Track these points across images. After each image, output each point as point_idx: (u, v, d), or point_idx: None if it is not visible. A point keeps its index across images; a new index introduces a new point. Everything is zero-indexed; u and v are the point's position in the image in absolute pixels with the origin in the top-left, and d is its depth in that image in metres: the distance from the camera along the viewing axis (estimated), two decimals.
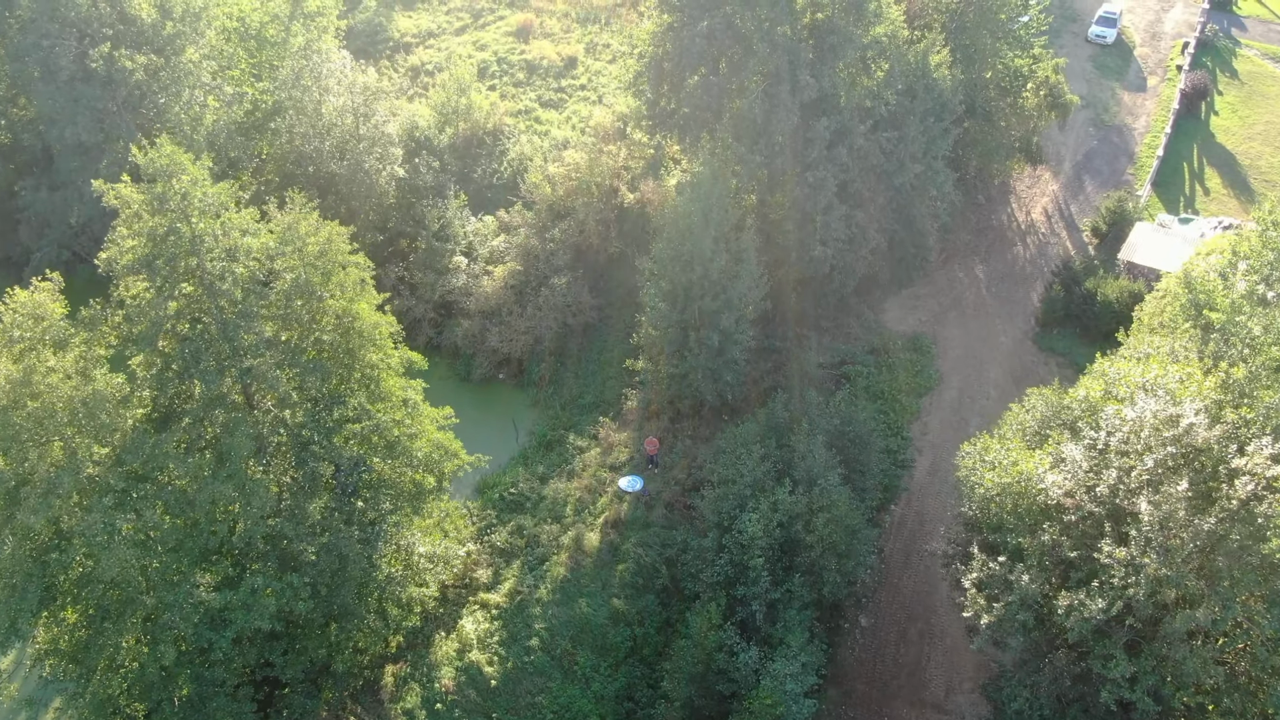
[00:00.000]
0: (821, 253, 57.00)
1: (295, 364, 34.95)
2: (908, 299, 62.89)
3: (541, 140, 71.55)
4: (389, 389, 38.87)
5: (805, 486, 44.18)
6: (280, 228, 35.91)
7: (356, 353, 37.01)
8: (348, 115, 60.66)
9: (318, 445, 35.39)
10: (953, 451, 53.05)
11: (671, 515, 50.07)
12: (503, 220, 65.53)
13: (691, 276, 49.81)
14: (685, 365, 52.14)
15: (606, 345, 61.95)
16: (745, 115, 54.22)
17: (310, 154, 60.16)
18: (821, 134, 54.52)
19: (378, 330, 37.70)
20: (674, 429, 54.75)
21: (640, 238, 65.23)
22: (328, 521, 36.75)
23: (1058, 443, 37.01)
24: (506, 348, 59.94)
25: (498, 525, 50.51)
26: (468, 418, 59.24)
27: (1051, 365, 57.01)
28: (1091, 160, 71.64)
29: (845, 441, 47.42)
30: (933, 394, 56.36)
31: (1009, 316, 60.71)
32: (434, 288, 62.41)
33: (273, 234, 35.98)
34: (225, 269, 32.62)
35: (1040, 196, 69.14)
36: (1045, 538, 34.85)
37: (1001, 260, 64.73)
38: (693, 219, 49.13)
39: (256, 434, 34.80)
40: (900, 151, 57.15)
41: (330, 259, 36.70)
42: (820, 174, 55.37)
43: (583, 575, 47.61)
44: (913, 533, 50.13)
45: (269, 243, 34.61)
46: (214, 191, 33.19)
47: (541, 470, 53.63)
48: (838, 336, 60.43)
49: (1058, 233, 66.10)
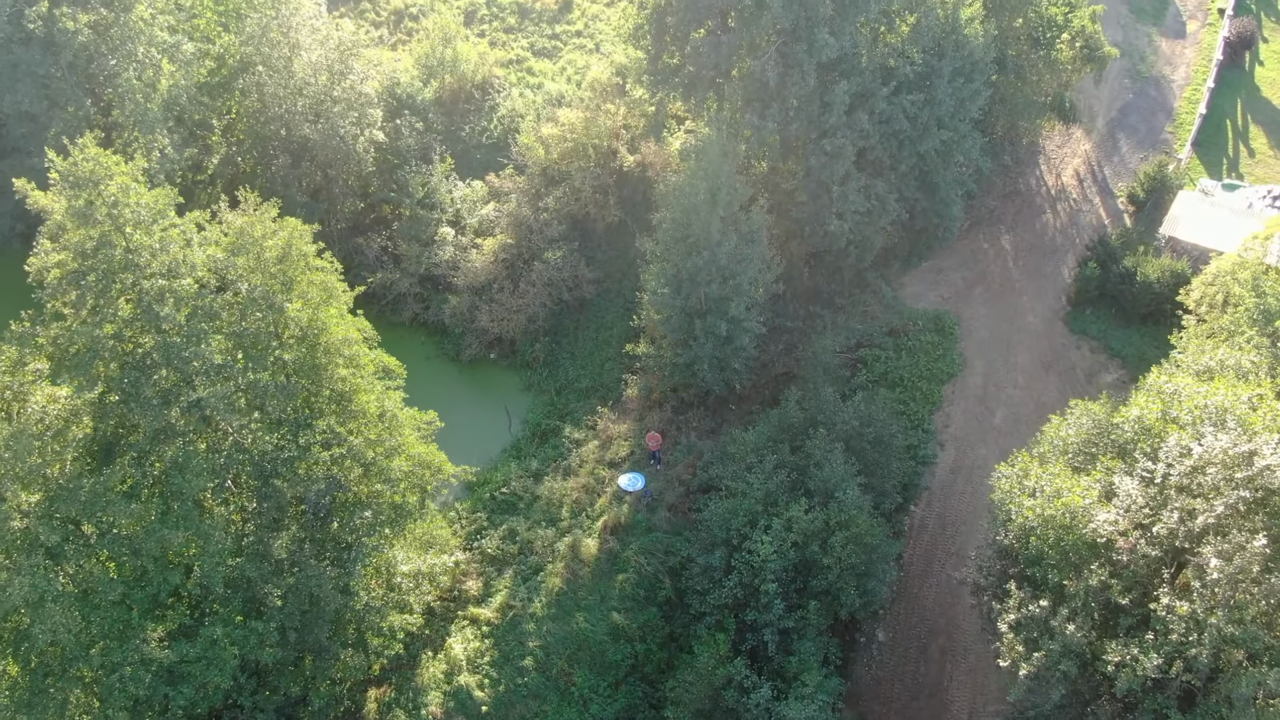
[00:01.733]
0: (838, 227, 52.45)
1: (254, 387, 30.93)
2: (929, 272, 58.52)
3: (534, 95, 66.25)
4: (363, 404, 34.92)
5: (821, 499, 40.61)
6: (232, 232, 31.53)
7: (325, 369, 32.95)
8: (322, 73, 55.44)
9: (281, 480, 31.57)
10: (977, 445, 49.74)
11: (675, 519, 46.58)
12: (493, 185, 60.74)
13: (697, 261, 45.49)
14: (690, 354, 48.15)
15: (605, 322, 57.82)
16: (756, 77, 49.20)
17: (281, 116, 55.15)
18: (841, 98, 49.49)
19: (347, 343, 33.51)
20: (677, 420, 50.97)
21: (641, 204, 60.62)
22: (296, 556, 33.17)
23: (1108, 470, 33.24)
24: (497, 327, 55.83)
25: (489, 529, 47.07)
26: (456, 401, 55.86)
27: (1084, 349, 52.95)
28: (1127, 116, 66.47)
29: (864, 444, 43.69)
30: (955, 381, 52.42)
31: (1038, 293, 56.42)
32: (419, 260, 57.99)
33: (225, 238, 31.63)
34: (165, 288, 28.38)
35: (1071, 157, 64.21)
36: (1093, 581, 31.30)
37: (1029, 229, 60.15)
38: (698, 197, 44.60)
39: (212, 465, 30.97)
40: (926, 116, 52.15)
41: (292, 264, 32.40)
42: (838, 141, 50.55)
43: (580, 587, 44.31)
44: (934, 537, 46.73)
45: (217, 254, 30.25)
46: (149, 199, 28.76)
47: (535, 466, 49.98)
48: (853, 315, 56.24)
49: (1090, 199, 61.38)
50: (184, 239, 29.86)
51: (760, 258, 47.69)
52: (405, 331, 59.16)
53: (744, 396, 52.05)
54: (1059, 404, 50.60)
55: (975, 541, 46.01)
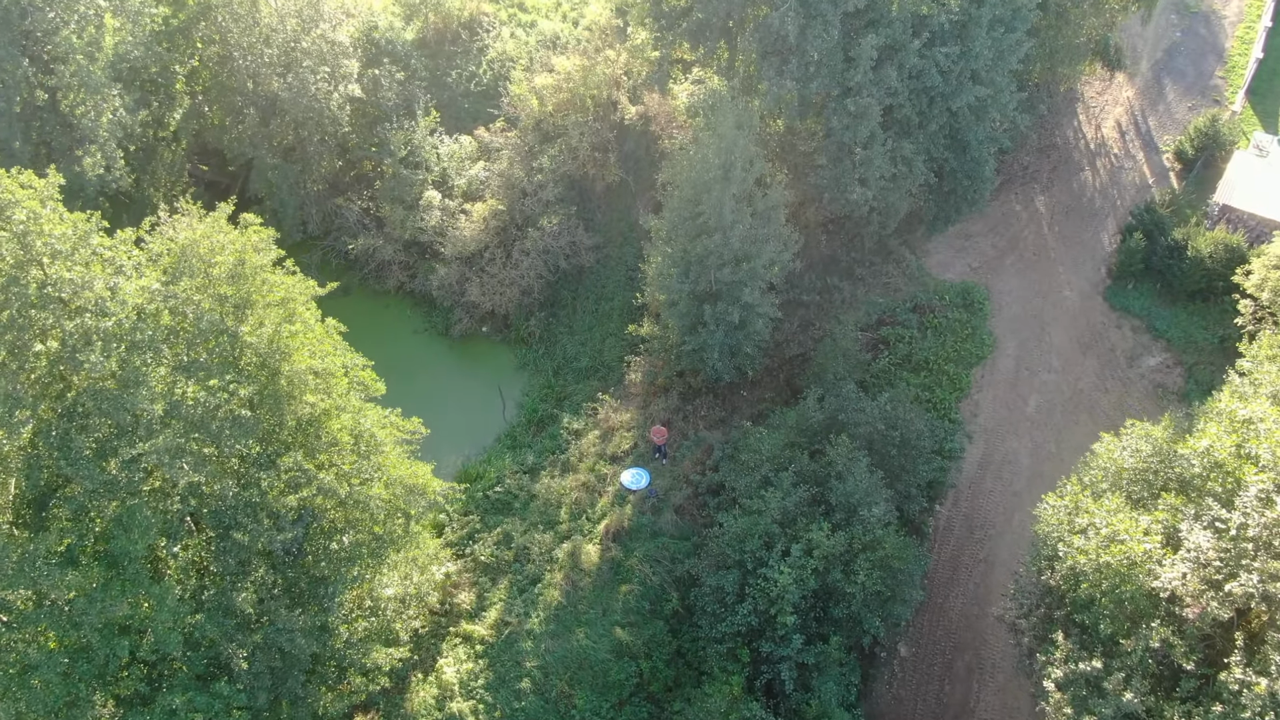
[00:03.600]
0: (860, 194, 47.73)
1: (205, 428, 27.00)
2: (956, 238, 53.97)
3: (527, 35, 60.57)
4: (334, 431, 31.04)
5: (844, 514, 37.12)
6: (174, 251, 27.15)
7: (289, 399, 28.98)
8: (290, 18, 49.94)
9: (242, 532, 27.90)
10: (1008, 437, 46.09)
11: (683, 523, 43.21)
12: (482, 140, 55.70)
13: (708, 243, 41.07)
14: (699, 340, 44.10)
15: (605, 292, 53.55)
16: (774, 28, 43.90)
17: (248, 67, 49.87)
18: (867, 52, 44.24)
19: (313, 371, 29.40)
20: (684, 409, 47.17)
21: (644, 161, 55.75)
22: (265, 605, 29.76)
23: (1172, 510, 29.60)
24: (489, 301, 51.61)
25: (482, 533, 43.71)
26: (447, 381, 52.08)
27: (1125, 329, 48.80)
28: (1173, 59, 60.87)
29: (889, 447, 40.04)
30: (985, 364, 48.43)
31: (1075, 263, 51.98)
32: (403, 224, 53.42)
33: (166, 257, 27.28)
34: (92, 329, 24.22)
35: (1112, 105, 58.91)
36: (1153, 640, 27.98)
37: (1066, 190, 55.33)
38: (710, 174, 39.93)
39: (162, 518, 27.27)
40: (960, 69, 46.91)
41: (246, 281, 28.12)
42: (863, 101, 45.45)
43: (580, 599, 41.16)
44: (961, 541, 43.43)
45: (152, 283, 25.92)
46: (66, 227, 24.36)
47: (531, 460, 46.38)
48: (874, 287, 51.94)
49: (1133, 154, 56.37)
50: (113, 268, 25.55)
51: (777, 236, 43.23)
52: (390, 301, 55.11)
53: (756, 382, 48.18)
54: (1097, 390, 46.99)
55: (1006, 548, 42.85)
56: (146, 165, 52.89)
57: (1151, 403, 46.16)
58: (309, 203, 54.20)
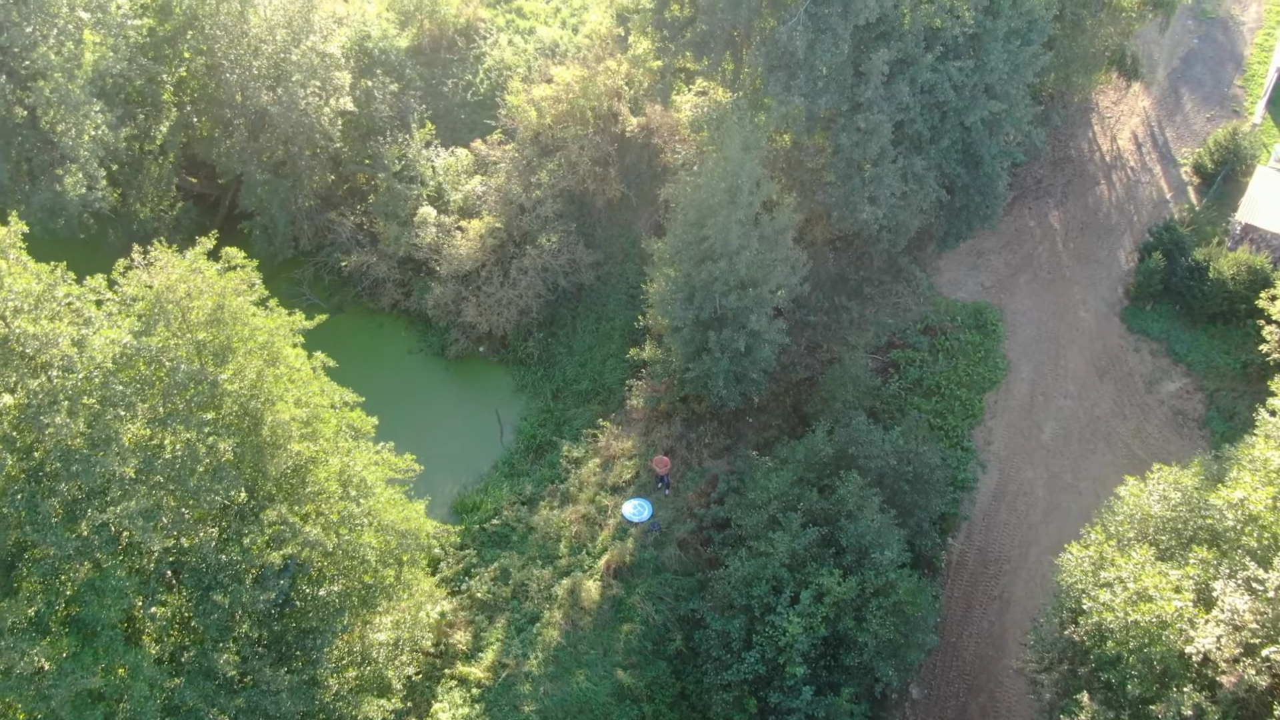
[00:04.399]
0: (870, 213, 46.05)
1: (182, 483, 25.44)
2: (968, 255, 52.35)
3: (525, 43, 58.79)
4: (322, 480, 29.48)
5: (855, 556, 35.61)
6: (149, 297, 25.53)
7: (272, 448, 27.40)
8: (279, 28, 48.17)
9: (223, 594, 26.36)
10: (1023, 466, 44.58)
11: (687, 559, 41.72)
12: (479, 153, 53.96)
13: (713, 269, 39.46)
14: (703, 367, 42.53)
15: (606, 311, 51.93)
16: (781, 42, 42.15)
17: (236, 80, 48.13)
18: (878, 66, 42.56)
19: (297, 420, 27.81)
20: (687, 436, 45.60)
21: (645, 175, 54.11)
22: (249, 665, 28.24)
23: (1204, 564, 28.07)
24: (486, 322, 49.95)
25: (478, 568, 42.19)
26: (442, 404, 50.46)
27: (1144, 352, 47.20)
28: (1190, 67, 59.17)
29: (902, 483, 38.52)
30: (999, 388, 46.86)
31: (1090, 282, 50.36)
32: (397, 241, 51.72)
33: (140, 302, 25.66)
34: (57, 389, 22.65)
35: (1128, 116, 57.21)
36: (1185, 708, 26.47)
37: (1081, 204, 53.67)
38: (715, 198, 38.30)
39: (136, 579, 25.73)
40: (974, 83, 45.22)
41: (226, 327, 26.51)
42: (875, 117, 43.75)
43: (580, 639, 39.66)
44: (974, 576, 41.95)
45: (124, 336, 24.28)
46: (27, 281, 22.72)
47: (529, 490, 44.84)
48: (883, 306, 50.33)
49: (1150, 167, 54.70)
50: (81, 320, 23.96)
51: (785, 259, 41.62)
52: (385, 319, 53.46)
53: (762, 408, 46.63)
54: (1115, 417, 45.47)
55: (1022, 584, 41.38)
56: (133, 179, 51.17)
57: (1171, 430, 44.64)
58: (300, 218, 52.53)
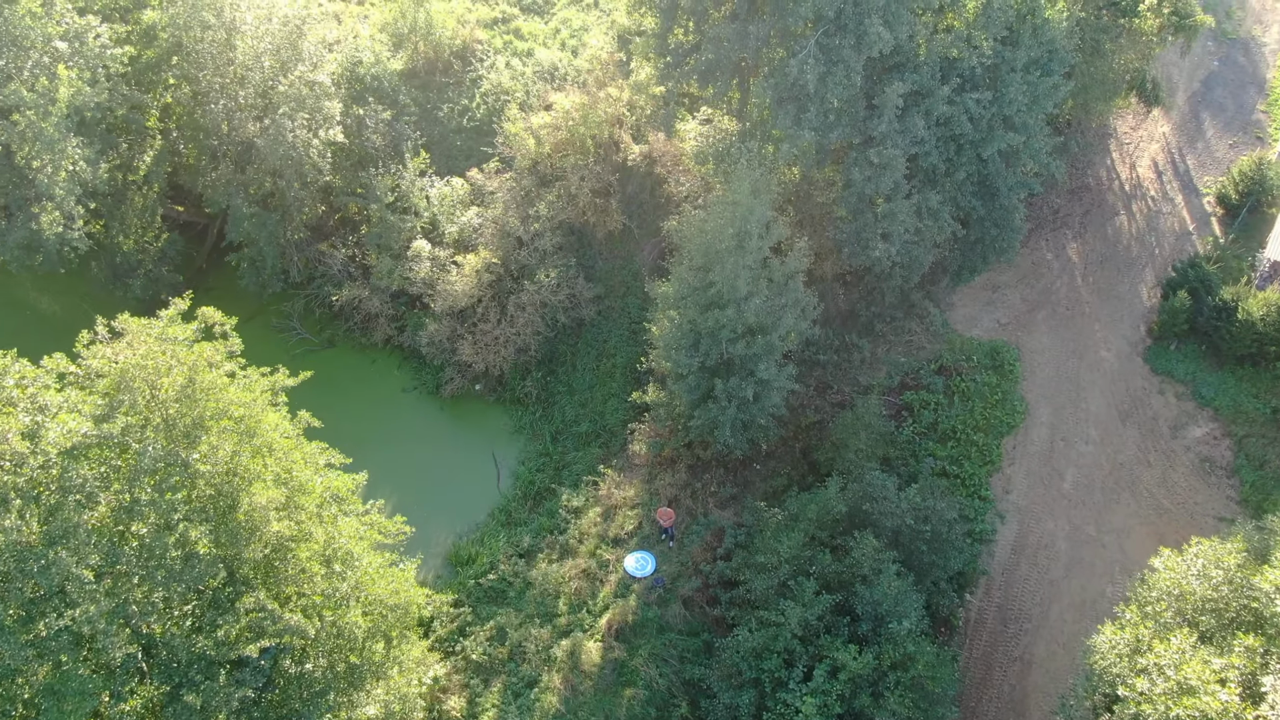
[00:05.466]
0: (883, 250, 44.18)
1: (150, 576, 23.51)
2: (983, 290, 50.41)
3: (523, 65, 56.84)
4: (304, 560, 27.53)
5: (871, 624, 33.66)
6: (114, 374, 23.59)
7: (249, 531, 25.44)
8: (266, 56, 46.21)
9: (195, 694, 24.43)
10: (1044, 517, 42.61)
11: (692, 618, 39.77)
12: (475, 183, 52.01)
13: (720, 317, 37.51)
14: (709, 415, 40.61)
15: (606, 348, 49.96)
16: (792, 76, 40.19)
17: (221, 110, 46.21)
18: (893, 100, 40.66)
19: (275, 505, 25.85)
20: (692, 484, 43.63)
21: (648, 205, 52.23)
22: None
23: (1249, 653, 26.12)
24: (482, 361, 48.01)
25: (474, 626, 40.20)
26: (437, 445, 48.42)
27: (1168, 395, 45.26)
28: (1211, 90, 57.24)
29: (919, 543, 36.58)
30: (1017, 433, 44.91)
31: (1111, 319, 48.40)
32: (391, 274, 49.80)
33: (103, 380, 23.73)
34: (9, 486, 20.72)
35: (1148, 142, 55.25)
36: None
37: (1100, 236, 51.73)
38: (723, 244, 36.35)
39: (102, 674, 23.78)
40: (992, 115, 43.29)
41: (197, 404, 24.56)
42: (888, 152, 41.85)
43: (581, 705, 37.67)
44: (994, 636, 39.98)
45: (83, 425, 22.34)
46: None
47: (527, 541, 42.83)
48: (896, 344, 48.39)
49: (1171, 197, 52.74)
50: (35, 407, 22.02)
51: (796, 303, 39.68)
52: (378, 355, 51.45)
53: (770, 453, 44.66)
54: (1139, 464, 43.51)
55: (1043, 644, 39.40)
56: (115, 211, 49.24)
57: (1198, 479, 42.68)
58: (290, 250, 50.60)
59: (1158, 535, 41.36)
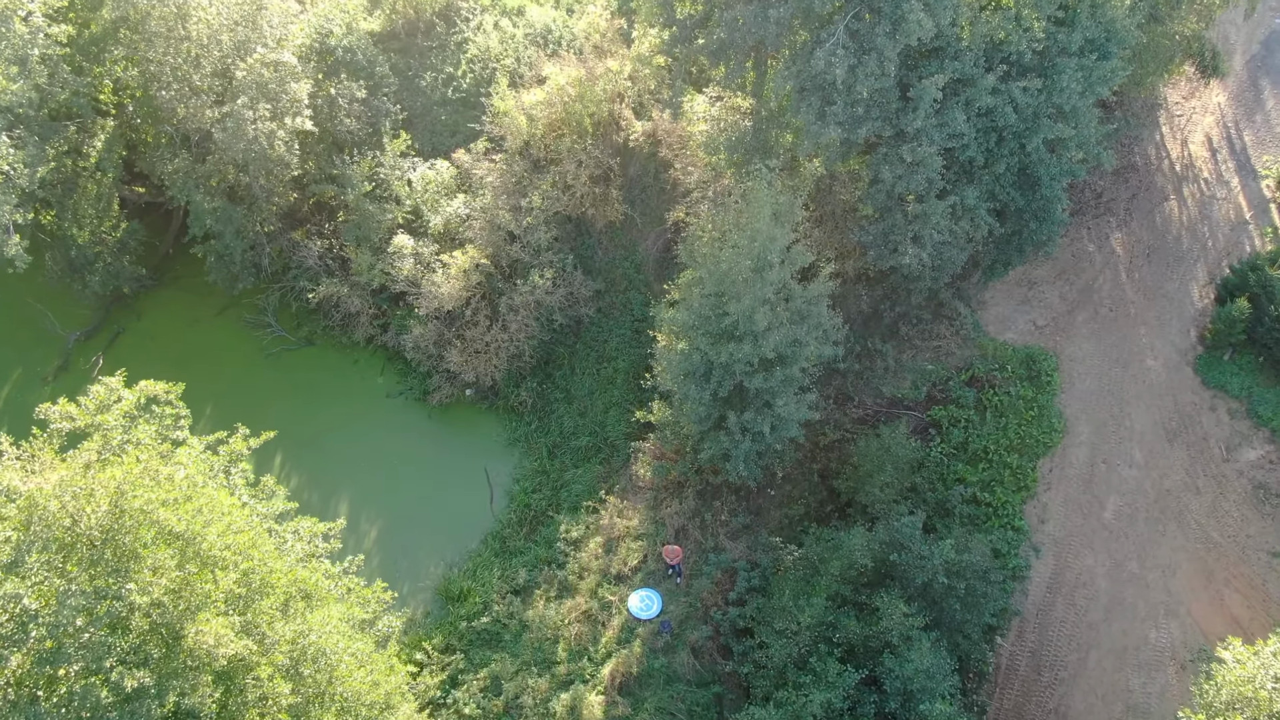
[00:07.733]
0: (914, 254, 39.88)
1: None
2: (1018, 285, 46.22)
3: (514, 27, 51.37)
4: (266, 682, 24.20)
5: (899, 701, 30.68)
6: (20, 510, 19.82)
7: (195, 672, 22.03)
8: (223, 32, 41.09)
9: None
10: (1083, 551, 39.42)
11: (702, 666, 36.86)
12: (462, 165, 47.23)
13: (734, 350, 33.52)
14: (720, 446, 37.03)
15: (607, 350, 46.07)
16: (818, 68, 35.31)
17: (175, 96, 41.32)
18: (930, 93, 35.84)
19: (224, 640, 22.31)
20: (701, 512, 40.31)
21: (651, 190, 47.71)
22: None
23: None
24: (471, 370, 44.16)
25: (466, 673, 37.31)
26: (425, 461, 44.78)
27: (1220, 412, 41.53)
28: (1272, 53, 51.93)
29: (952, 600, 33.37)
30: (1054, 454, 41.35)
31: (1159, 322, 44.34)
32: (371, 270, 45.55)
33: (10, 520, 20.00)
34: None
35: (1201, 114, 50.27)
36: None
37: (1148, 224, 47.25)
38: (740, 275, 32.11)
39: None
40: (1040, 104, 38.47)
41: (127, 531, 20.86)
42: (923, 149, 37.21)
43: None
44: (1027, 684, 37.13)
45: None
46: None
47: (523, 576, 39.66)
48: (923, 349, 44.47)
49: (1226, 179, 48.06)
50: None
51: (819, 328, 35.63)
52: (360, 355, 47.59)
53: (786, 477, 41.20)
54: (1187, 490, 40.09)
55: (1081, 696, 36.59)
56: (67, 200, 44.73)
57: (1251, 508, 39.32)
58: (260, 243, 46.21)
59: (1206, 572, 38.22)
